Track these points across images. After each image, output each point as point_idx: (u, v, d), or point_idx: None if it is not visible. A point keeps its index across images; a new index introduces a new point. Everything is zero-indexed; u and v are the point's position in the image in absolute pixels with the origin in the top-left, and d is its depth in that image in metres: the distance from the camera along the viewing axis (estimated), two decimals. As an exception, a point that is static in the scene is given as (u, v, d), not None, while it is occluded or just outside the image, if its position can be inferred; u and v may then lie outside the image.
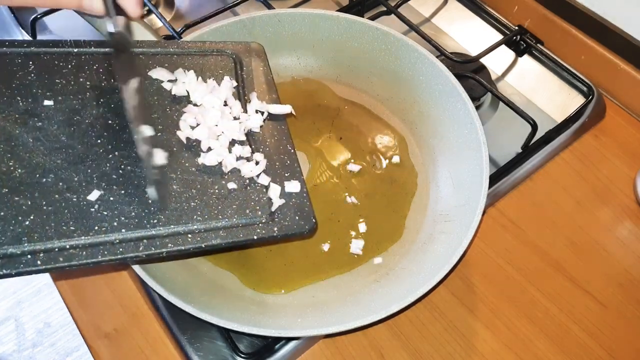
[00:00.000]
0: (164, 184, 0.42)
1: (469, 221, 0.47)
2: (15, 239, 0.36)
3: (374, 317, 0.43)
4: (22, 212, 0.37)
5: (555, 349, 0.50)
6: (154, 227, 0.40)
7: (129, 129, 0.44)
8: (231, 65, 0.53)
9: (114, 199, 0.40)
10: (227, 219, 0.42)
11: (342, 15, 0.59)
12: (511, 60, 0.71)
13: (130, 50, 0.47)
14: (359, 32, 0.59)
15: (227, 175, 0.45)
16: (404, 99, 0.60)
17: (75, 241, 0.37)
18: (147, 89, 0.48)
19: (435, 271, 0.45)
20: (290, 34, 0.60)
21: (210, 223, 0.41)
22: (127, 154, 0.43)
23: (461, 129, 0.54)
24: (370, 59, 0.60)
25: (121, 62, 0.43)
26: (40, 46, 0.47)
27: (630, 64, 0.66)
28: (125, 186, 0.41)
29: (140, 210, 0.40)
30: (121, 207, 0.40)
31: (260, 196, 0.44)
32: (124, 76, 0.42)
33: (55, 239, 0.37)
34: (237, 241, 0.41)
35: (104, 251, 0.37)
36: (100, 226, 0.38)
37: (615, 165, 0.62)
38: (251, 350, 0.48)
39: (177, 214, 0.41)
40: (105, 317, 0.50)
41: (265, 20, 0.59)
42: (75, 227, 0.38)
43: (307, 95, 0.62)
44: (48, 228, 0.37)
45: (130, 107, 0.42)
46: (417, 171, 0.57)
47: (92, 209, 0.39)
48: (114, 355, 0.49)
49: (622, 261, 0.56)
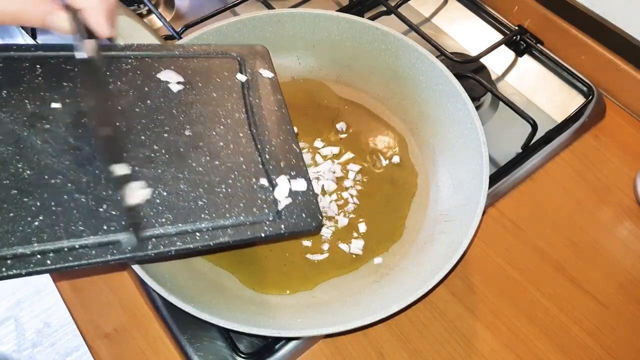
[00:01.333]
0: (141, 227, 0.40)
1: (469, 221, 0.47)
2: (25, 239, 0.36)
3: (374, 317, 0.43)
4: (32, 213, 0.38)
5: (555, 349, 0.50)
6: (162, 225, 0.40)
7: (136, 130, 0.45)
8: (236, 67, 0.53)
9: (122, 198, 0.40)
10: (235, 217, 0.42)
11: (342, 15, 0.59)
12: (511, 60, 0.71)
13: (101, 79, 0.47)
14: (359, 32, 0.59)
15: (234, 175, 0.45)
16: (404, 99, 0.60)
17: (84, 241, 0.37)
18: (153, 91, 0.48)
19: (435, 271, 0.45)
20: (290, 34, 0.60)
21: (217, 221, 0.42)
22: (134, 155, 0.43)
23: (461, 129, 0.54)
24: (370, 59, 0.60)
25: (91, 90, 0.43)
26: (47, 50, 0.47)
27: (630, 64, 0.66)
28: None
29: (148, 210, 0.40)
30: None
31: (267, 194, 0.44)
32: (93, 102, 0.43)
33: (64, 238, 0.37)
34: (245, 239, 0.42)
35: (113, 250, 0.38)
36: (109, 226, 0.38)
37: (615, 165, 0.62)
38: (251, 350, 0.48)
39: (184, 212, 0.41)
40: (105, 317, 0.50)
41: (265, 20, 0.59)
42: (84, 227, 0.38)
43: (307, 95, 0.62)
44: (57, 228, 0.37)
45: (100, 142, 0.42)
46: (417, 171, 0.57)
47: (100, 209, 0.39)
48: (114, 355, 0.49)
49: (622, 261, 0.56)
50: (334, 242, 0.52)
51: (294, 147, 0.49)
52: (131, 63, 0.49)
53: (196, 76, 0.51)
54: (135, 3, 0.73)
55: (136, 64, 0.49)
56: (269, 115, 0.51)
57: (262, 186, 0.45)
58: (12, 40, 0.68)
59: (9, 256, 0.35)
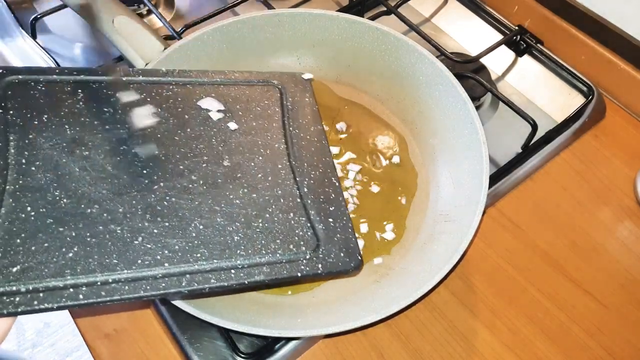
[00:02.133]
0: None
1: (469, 221, 0.47)
2: (59, 271, 0.35)
3: (374, 317, 0.43)
4: (66, 244, 0.37)
5: (555, 349, 0.50)
6: (197, 261, 0.39)
7: (175, 159, 0.44)
8: (277, 96, 0.53)
9: (158, 231, 0.39)
10: (271, 254, 0.41)
11: (342, 15, 0.59)
12: (511, 60, 0.71)
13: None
14: (359, 32, 0.59)
15: (271, 209, 0.44)
16: (404, 99, 0.60)
17: (118, 275, 0.36)
18: (193, 119, 0.47)
19: (435, 271, 0.45)
20: (290, 34, 0.60)
21: (253, 258, 0.41)
22: (172, 185, 0.42)
23: (461, 129, 0.54)
24: (370, 59, 0.60)
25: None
26: (90, 74, 0.47)
27: (630, 64, 0.66)
28: (169, 218, 0.40)
29: (184, 244, 0.39)
30: (165, 240, 0.39)
31: (305, 231, 0.44)
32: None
33: (98, 272, 0.36)
34: (281, 278, 0.41)
35: (146, 286, 0.37)
36: (144, 260, 0.38)
37: (615, 165, 0.62)
38: (251, 350, 0.48)
39: (220, 247, 0.40)
40: (105, 317, 0.50)
41: (265, 20, 0.59)
42: (119, 260, 0.37)
43: (307, 95, 0.62)
44: (91, 260, 0.36)
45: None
46: (417, 171, 0.57)
47: (135, 242, 0.38)
48: (114, 355, 0.49)
49: (622, 261, 0.56)
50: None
51: (333, 181, 0.48)
52: (172, 89, 0.49)
53: (236, 104, 0.50)
54: (135, 3, 0.73)
55: (177, 90, 0.49)
56: (308, 146, 0.50)
57: (299, 221, 0.44)
58: (11, 40, 0.68)
59: (42, 289, 0.34)
